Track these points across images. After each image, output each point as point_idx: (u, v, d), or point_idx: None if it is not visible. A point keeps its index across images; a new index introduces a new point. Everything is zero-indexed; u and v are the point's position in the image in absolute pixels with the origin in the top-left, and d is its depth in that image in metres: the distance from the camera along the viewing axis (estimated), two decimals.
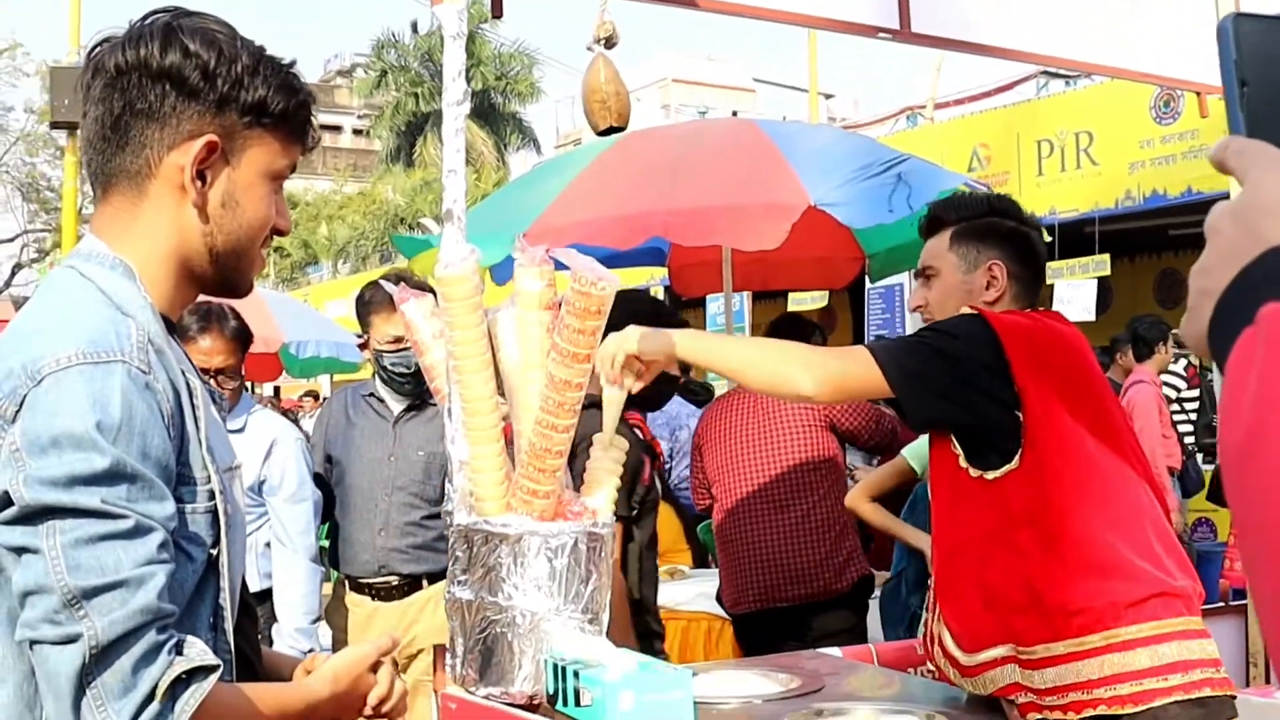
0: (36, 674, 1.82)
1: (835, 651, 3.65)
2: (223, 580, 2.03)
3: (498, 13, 3.42)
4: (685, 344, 3.02)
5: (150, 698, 1.78)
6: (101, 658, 1.77)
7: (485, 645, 2.75)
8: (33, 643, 1.79)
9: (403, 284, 3.09)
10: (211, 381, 4.19)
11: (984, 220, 3.35)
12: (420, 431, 5.26)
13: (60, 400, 1.82)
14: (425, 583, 5.17)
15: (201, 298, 2.28)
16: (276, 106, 2.08)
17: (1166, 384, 11.00)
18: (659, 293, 17.53)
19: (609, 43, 3.18)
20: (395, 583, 5.17)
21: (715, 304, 17.09)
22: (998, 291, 3.29)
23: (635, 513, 4.29)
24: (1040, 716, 2.93)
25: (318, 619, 5.13)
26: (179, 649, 1.85)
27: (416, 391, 5.25)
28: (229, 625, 2.05)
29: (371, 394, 5.33)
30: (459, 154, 2.91)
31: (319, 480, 5.27)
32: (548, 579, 2.71)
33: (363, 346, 5.45)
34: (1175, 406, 11.08)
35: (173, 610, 1.85)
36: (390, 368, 5.21)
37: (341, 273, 37.77)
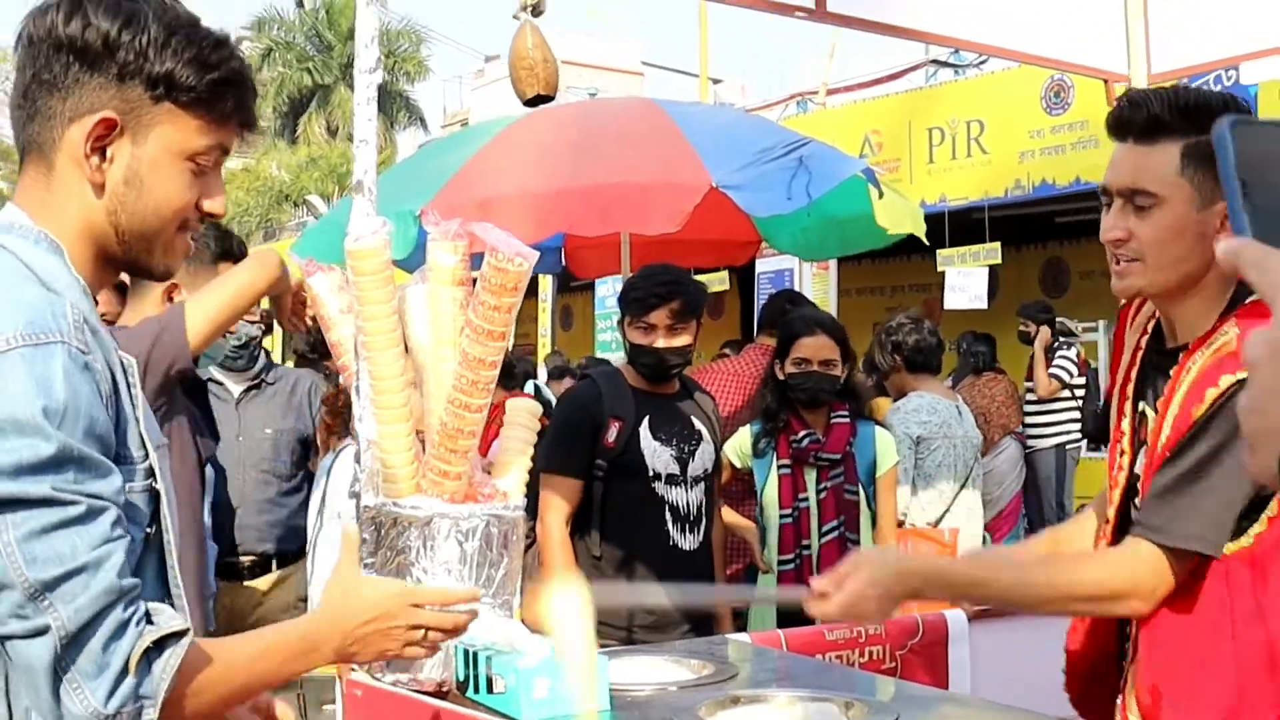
0: (11, 666, 1.81)
1: (745, 637, 3.60)
2: (169, 558, 2.02)
3: None
4: (934, 588, 2.64)
5: (124, 672, 1.79)
6: (72, 644, 1.77)
7: None
8: (2, 638, 1.79)
9: (310, 260, 3.00)
10: None
11: None
12: (264, 410, 5.30)
13: (3, 385, 1.78)
14: (274, 565, 5.13)
15: None
16: (186, 81, 1.98)
17: (1061, 367, 11.18)
18: (548, 281, 17.45)
19: (535, 10, 3.10)
20: (247, 563, 5.13)
21: (605, 286, 17.06)
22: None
23: None
24: None
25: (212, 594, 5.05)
26: (149, 618, 1.85)
27: (250, 366, 5.25)
28: (182, 604, 2.02)
29: (210, 379, 5.22)
30: (371, 123, 2.83)
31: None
32: (458, 563, 2.65)
33: None
34: (1065, 393, 11.26)
35: (134, 584, 1.84)
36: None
37: None
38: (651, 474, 4.76)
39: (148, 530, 1.98)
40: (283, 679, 2.10)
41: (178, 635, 1.86)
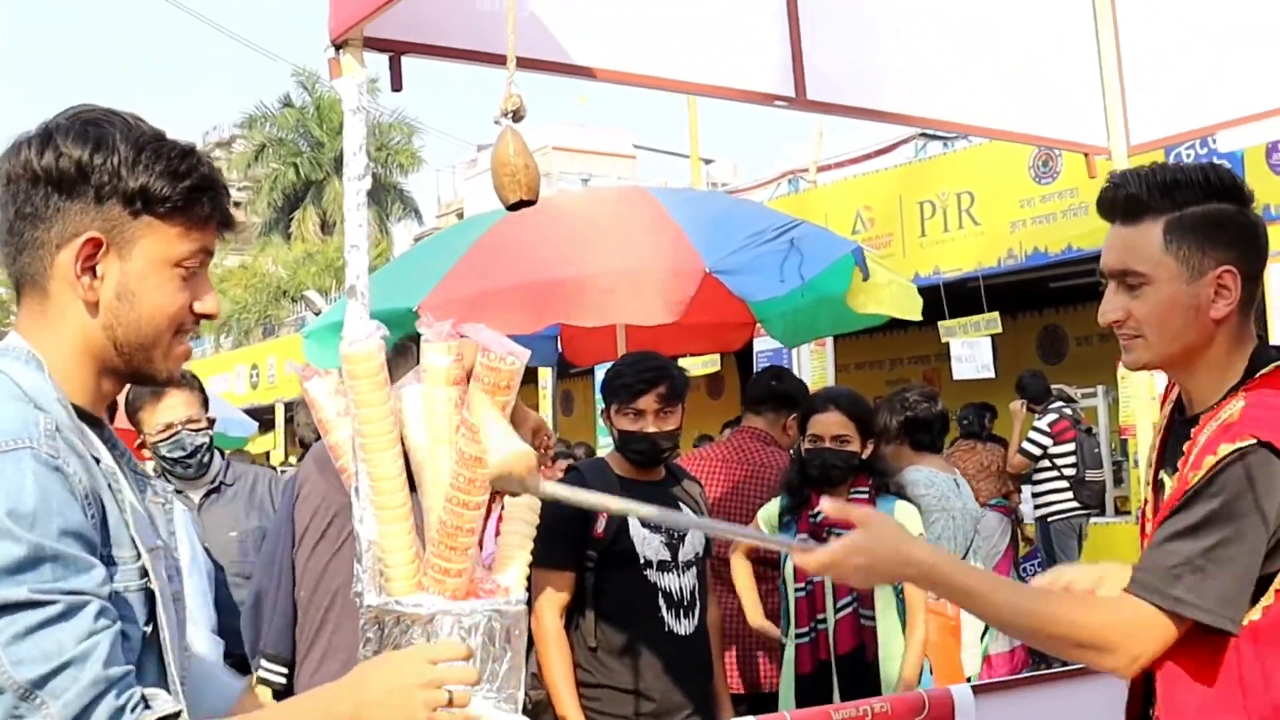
0: None
1: None
2: (167, 655, 2.06)
3: (397, 86, 3.41)
4: (928, 584, 2.68)
5: None
6: None
7: None
8: None
9: (307, 365, 3.05)
10: None
11: (1207, 209, 2.62)
12: (226, 511, 5.30)
13: None
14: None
15: None
16: (160, 193, 2.05)
17: (1032, 441, 11.13)
18: (547, 372, 17.50)
19: (516, 116, 3.14)
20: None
21: (604, 371, 17.09)
22: (1228, 305, 2.62)
23: None
24: None
25: None
26: (145, 703, 1.90)
27: (202, 471, 5.25)
28: (181, 698, 2.04)
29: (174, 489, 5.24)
30: (361, 229, 2.88)
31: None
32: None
33: (140, 447, 5.31)
34: (1046, 463, 11.21)
35: (126, 671, 1.89)
36: (168, 455, 5.16)
37: (224, 347, 37.31)
38: (643, 561, 4.74)
39: (144, 629, 2.02)
40: None
41: (173, 718, 1.91)
